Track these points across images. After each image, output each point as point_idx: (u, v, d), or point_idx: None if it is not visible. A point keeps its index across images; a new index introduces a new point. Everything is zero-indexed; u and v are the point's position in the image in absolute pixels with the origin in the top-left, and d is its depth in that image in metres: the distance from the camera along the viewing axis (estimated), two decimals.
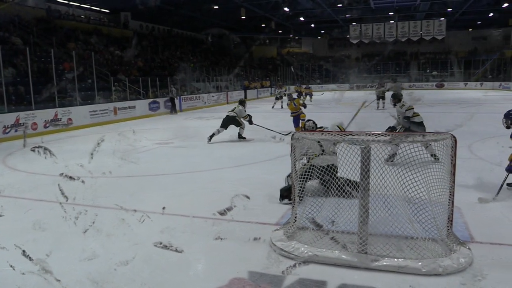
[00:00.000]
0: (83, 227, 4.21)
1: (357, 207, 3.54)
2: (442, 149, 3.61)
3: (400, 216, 3.63)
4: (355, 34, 36.15)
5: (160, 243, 3.89)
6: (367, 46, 40.91)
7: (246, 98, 25.14)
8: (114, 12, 27.77)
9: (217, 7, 27.57)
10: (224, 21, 33.95)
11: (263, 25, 36.47)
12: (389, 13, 33.33)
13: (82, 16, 25.80)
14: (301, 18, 34.98)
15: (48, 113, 13.17)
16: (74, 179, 5.13)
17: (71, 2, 24.85)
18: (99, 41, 22.95)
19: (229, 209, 4.70)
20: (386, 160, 4.38)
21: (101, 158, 7.62)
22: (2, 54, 14.36)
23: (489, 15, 33.47)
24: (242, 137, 10.40)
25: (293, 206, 4.07)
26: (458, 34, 41.26)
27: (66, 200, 4.70)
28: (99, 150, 7.98)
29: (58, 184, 4.87)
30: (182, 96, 21.17)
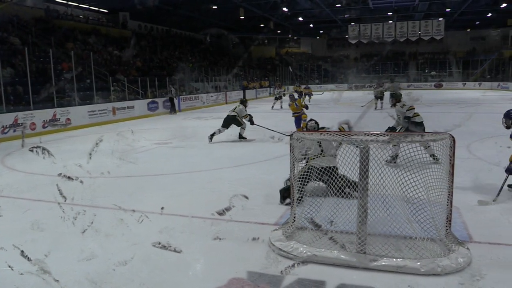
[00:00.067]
0: (82, 227, 4.21)
1: (356, 207, 3.55)
2: (441, 149, 3.62)
3: (399, 216, 3.63)
4: (354, 34, 36.18)
5: (159, 243, 3.89)
6: (366, 46, 40.98)
7: (245, 98, 25.09)
8: (113, 12, 27.74)
9: (216, 7, 27.56)
10: (223, 21, 33.95)
11: (262, 25, 36.48)
12: (388, 13, 33.37)
13: (81, 16, 25.76)
14: (300, 18, 34.99)
15: (47, 113, 13.15)
16: (73, 179, 5.13)
17: (70, 2, 24.79)
18: (98, 41, 22.94)
19: (228, 209, 4.70)
20: (389, 162, 4.38)
21: (100, 158, 7.61)
22: (1, 54, 14.41)
23: (488, 15, 33.54)
24: (243, 137, 10.36)
25: (292, 206, 4.07)
26: (457, 34, 41.32)
27: (65, 200, 4.69)
28: (98, 150, 8.00)
29: (57, 184, 4.86)
30: (181, 96, 21.16)
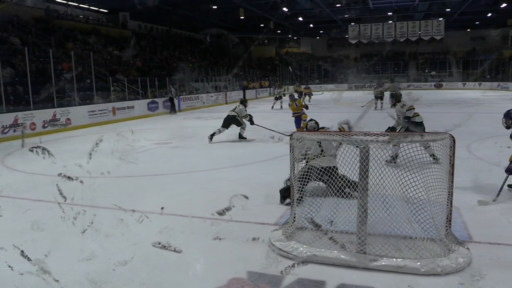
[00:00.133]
0: (82, 227, 4.21)
1: (356, 207, 3.55)
2: (441, 149, 3.62)
3: (399, 216, 3.63)
4: (354, 34, 36.18)
5: (159, 243, 3.89)
6: (366, 46, 40.97)
7: (245, 98, 25.09)
8: (113, 12, 27.74)
9: (216, 7, 27.56)
10: (223, 21, 33.95)
11: (262, 25, 36.47)
12: (388, 13, 33.36)
13: (81, 16, 25.77)
14: (300, 18, 34.99)
15: (47, 113, 13.15)
16: (73, 179, 5.13)
17: (70, 2, 24.78)
18: (98, 41, 22.94)
19: (228, 209, 4.70)
20: (389, 162, 4.37)
21: (100, 158, 7.61)
22: (1, 54, 14.41)
23: (488, 15, 33.54)
24: (243, 137, 10.34)
25: (292, 206, 4.07)
26: (457, 34, 41.32)
27: (65, 200, 4.69)
28: (98, 150, 7.99)
29: (57, 184, 4.86)
30: (181, 96, 21.15)
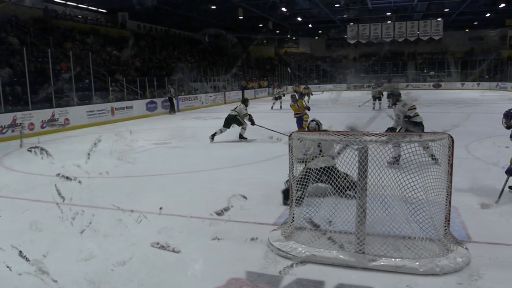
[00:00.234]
0: (80, 228, 4.20)
1: (355, 207, 3.55)
2: (440, 149, 3.62)
3: (398, 216, 3.63)
4: (353, 34, 36.23)
5: (157, 244, 3.88)
6: (365, 46, 40.99)
7: (246, 97, 25.12)
8: (112, 12, 27.72)
9: (215, 7, 27.59)
10: (222, 21, 33.96)
11: (261, 25, 36.48)
12: (387, 14, 33.39)
13: (79, 16, 25.75)
14: (299, 18, 35.02)
15: (45, 113, 13.14)
16: (71, 180, 5.12)
17: (68, 2, 24.77)
18: (96, 41, 22.90)
19: (227, 209, 4.69)
20: (391, 164, 4.36)
21: (98, 159, 7.60)
22: None
23: (486, 16, 33.60)
24: (243, 138, 10.30)
25: (291, 207, 4.07)
26: (455, 35, 41.36)
27: (63, 201, 4.67)
28: (96, 150, 7.98)
29: (55, 185, 4.85)
30: (180, 96, 21.15)
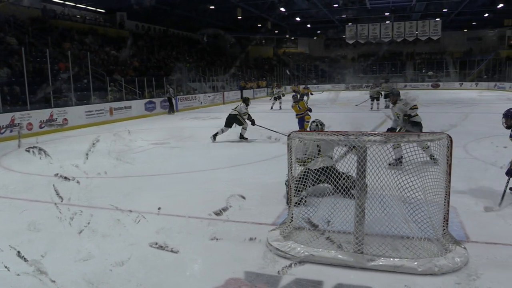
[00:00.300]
0: (78, 228, 4.20)
1: (353, 207, 3.55)
2: (438, 149, 3.63)
3: (396, 216, 3.64)
4: (351, 35, 36.25)
5: (156, 244, 3.88)
6: (363, 46, 40.97)
7: (246, 97, 25.13)
8: (110, 12, 27.68)
9: (213, 7, 27.56)
10: (220, 21, 33.94)
11: (259, 25, 36.45)
12: (385, 14, 33.41)
13: (78, 16, 25.71)
14: (297, 18, 35.01)
15: (44, 113, 13.11)
16: (69, 180, 5.12)
17: (67, 2, 24.72)
18: (95, 41, 22.86)
19: (225, 209, 4.69)
20: (393, 165, 4.34)
21: (97, 159, 7.59)
22: None
23: (484, 16, 33.67)
24: (244, 138, 10.24)
25: (289, 206, 4.07)
26: (454, 35, 41.44)
27: (61, 201, 4.67)
28: (95, 151, 7.98)
29: (53, 185, 4.85)
30: (178, 96, 21.13)
